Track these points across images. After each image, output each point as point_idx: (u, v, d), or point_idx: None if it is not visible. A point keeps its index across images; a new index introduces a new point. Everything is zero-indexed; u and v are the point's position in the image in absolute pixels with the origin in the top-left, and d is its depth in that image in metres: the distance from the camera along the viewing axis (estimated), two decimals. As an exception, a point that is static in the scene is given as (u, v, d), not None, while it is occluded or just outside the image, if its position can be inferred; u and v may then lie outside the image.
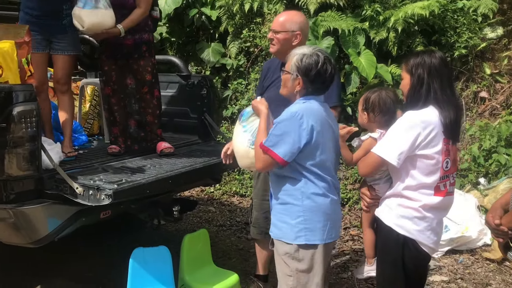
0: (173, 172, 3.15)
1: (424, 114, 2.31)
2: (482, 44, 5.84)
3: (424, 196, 2.34)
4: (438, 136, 2.30)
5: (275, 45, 3.09)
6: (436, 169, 2.32)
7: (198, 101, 4.24)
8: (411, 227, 2.36)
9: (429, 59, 2.37)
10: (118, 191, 2.75)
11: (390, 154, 2.32)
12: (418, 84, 2.37)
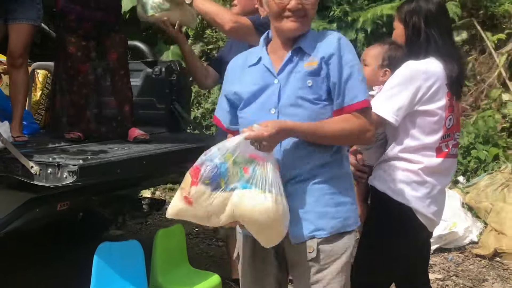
0: (146, 153, 2.71)
1: (425, 65, 2.02)
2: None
3: (425, 158, 2.03)
4: (441, 90, 2.01)
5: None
6: (438, 127, 2.03)
7: (166, 89, 3.82)
8: (409, 192, 2.01)
9: (425, 4, 2.09)
10: (84, 167, 2.28)
11: (387, 110, 1.98)
12: (414, 34, 2.09)
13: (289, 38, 1.67)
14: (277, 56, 1.70)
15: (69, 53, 3.14)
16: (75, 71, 3.16)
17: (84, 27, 3.13)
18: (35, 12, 3.14)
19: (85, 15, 3.11)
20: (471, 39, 6.10)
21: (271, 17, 1.69)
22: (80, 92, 3.21)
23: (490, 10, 6.24)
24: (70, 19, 3.13)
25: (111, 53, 3.20)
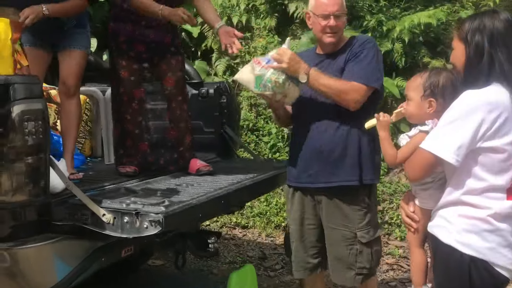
0: (223, 190, 2.41)
1: (488, 94, 1.72)
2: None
3: (494, 202, 1.74)
4: (509, 122, 1.71)
5: (338, 33, 2.41)
6: (508, 166, 1.73)
7: (216, 112, 3.55)
8: (479, 244, 1.75)
9: (491, 22, 1.79)
10: (169, 215, 1.98)
11: (445, 149, 1.72)
12: (476, 55, 1.78)
13: None
14: None
15: (121, 78, 2.88)
16: (129, 97, 2.88)
17: (135, 48, 2.87)
18: (86, 38, 2.90)
19: (135, 35, 2.87)
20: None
21: None
22: (135, 121, 2.93)
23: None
24: (120, 41, 2.87)
25: (167, 78, 2.92)
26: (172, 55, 2.93)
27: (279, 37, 5.94)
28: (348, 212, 2.41)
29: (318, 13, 2.38)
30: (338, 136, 2.40)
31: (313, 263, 2.58)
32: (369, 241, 2.45)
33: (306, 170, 2.46)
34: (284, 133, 5.43)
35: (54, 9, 2.62)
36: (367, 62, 2.34)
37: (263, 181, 2.77)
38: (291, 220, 2.65)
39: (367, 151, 2.43)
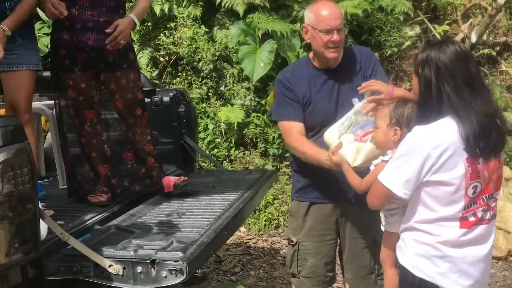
0: (224, 220, 2.29)
1: (434, 130, 1.74)
2: (407, 42, 5.92)
3: (446, 230, 1.77)
4: (455, 157, 1.72)
5: (340, 47, 2.35)
6: (458, 198, 1.74)
7: (173, 121, 3.36)
8: (430, 268, 1.79)
9: (437, 54, 1.77)
10: (191, 262, 1.85)
11: (395, 183, 1.77)
12: (426, 89, 1.78)
13: None
14: None
15: (70, 98, 2.61)
16: (80, 120, 2.63)
17: (79, 61, 2.61)
18: (34, 54, 2.55)
19: (74, 43, 2.59)
20: (423, 32, 6.26)
21: None
22: (90, 144, 2.68)
23: (433, 3, 6.46)
24: (62, 55, 2.61)
25: (115, 99, 2.70)
26: (121, 71, 2.68)
27: (205, 27, 5.75)
28: (368, 220, 2.43)
29: (320, 28, 2.29)
30: None
31: (330, 277, 2.60)
32: (379, 243, 2.51)
33: (331, 186, 2.38)
34: (221, 128, 5.32)
35: (13, 24, 2.28)
36: (387, 80, 2.41)
37: (253, 197, 2.68)
38: (306, 236, 2.56)
39: None
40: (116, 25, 2.50)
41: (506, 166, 4.71)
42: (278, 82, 2.48)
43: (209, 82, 5.65)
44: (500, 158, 1.81)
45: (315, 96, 2.39)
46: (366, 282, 2.57)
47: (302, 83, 2.41)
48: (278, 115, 2.48)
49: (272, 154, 5.31)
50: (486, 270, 1.85)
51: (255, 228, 4.72)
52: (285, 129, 2.45)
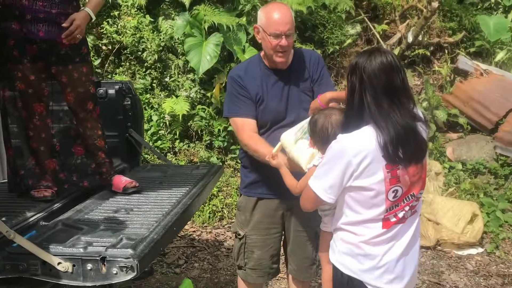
0: (172, 216, 2.32)
1: (354, 139, 1.83)
2: (348, 40, 6.12)
3: (369, 230, 1.88)
4: (374, 164, 1.81)
5: (288, 51, 2.43)
6: (379, 201, 1.85)
7: (119, 115, 3.33)
8: (355, 266, 1.91)
9: (363, 62, 1.82)
10: (142, 258, 1.88)
11: (320, 188, 1.89)
12: (351, 96, 1.86)
13: None
14: None
15: (18, 91, 2.54)
16: (28, 113, 2.57)
17: (28, 52, 2.54)
18: None
19: (23, 34, 2.52)
20: (364, 31, 6.48)
21: None
22: (39, 137, 2.63)
23: (373, 2, 6.70)
24: (10, 46, 2.53)
25: (66, 92, 2.65)
26: (73, 65, 2.63)
27: (150, 17, 5.67)
28: (310, 214, 2.49)
29: (269, 31, 2.36)
30: None
31: (275, 269, 2.73)
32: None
33: (278, 183, 2.41)
34: (166, 120, 5.30)
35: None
36: (332, 84, 2.57)
37: (201, 193, 2.72)
38: (253, 229, 2.65)
39: None
40: (72, 19, 2.45)
41: (436, 161, 5.03)
42: (231, 80, 2.53)
43: (153, 72, 5.60)
44: (423, 162, 1.89)
45: (267, 95, 2.47)
46: (308, 273, 2.72)
47: (255, 82, 2.48)
48: (231, 111, 2.53)
49: (217, 147, 5.35)
50: (410, 264, 1.94)
51: (199, 220, 4.76)
52: (237, 126, 2.50)
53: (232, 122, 2.58)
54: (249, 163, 2.60)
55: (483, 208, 4.57)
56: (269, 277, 2.77)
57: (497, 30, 6.12)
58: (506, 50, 6.18)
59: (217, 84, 5.39)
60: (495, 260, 4.12)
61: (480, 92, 5.45)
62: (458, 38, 6.51)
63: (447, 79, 6.09)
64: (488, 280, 3.84)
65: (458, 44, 6.55)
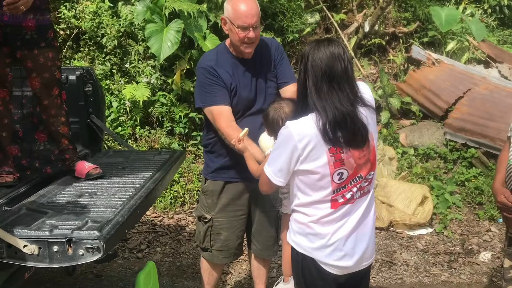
0: (136, 201, 2.38)
1: (299, 125, 1.93)
2: (307, 29, 6.25)
3: (319, 211, 1.99)
4: (318, 148, 1.90)
5: (255, 43, 2.50)
6: (325, 184, 1.95)
7: (80, 101, 3.33)
8: (307, 244, 2.03)
9: (309, 49, 1.93)
10: (108, 239, 1.94)
11: (271, 172, 2.01)
12: (298, 83, 1.98)
13: None
14: None
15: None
16: (9, 97, 2.57)
17: (20, 38, 2.53)
18: None
19: (17, 20, 2.51)
20: (322, 19, 6.62)
21: None
22: (1, 123, 2.62)
23: (330, -9, 6.85)
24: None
25: (31, 78, 2.65)
26: (39, 50, 2.62)
27: (109, 2, 5.61)
28: (274, 195, 2.64)
29: (237, 24, 2.42)
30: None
31: (240, 249, 2.85)
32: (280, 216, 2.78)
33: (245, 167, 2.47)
34: (126, 106, 5.29)
35: None
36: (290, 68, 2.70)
37: (164, 178, 2.78)
38: (220, 212, 2.73)
39: None
40: None
41: (390, 147, 5.25)
42: (203, 70, 2.56)
43: (113, 58, 5.55)
44: (369, 145, 1.98)
45: (239, 85, 2.56)
46: (271, 251, 2.90)
47: (227, 71, 2.55)
48: (206, 102, 2.56)
49: (178, 133, 5.39)
50: (362, 241, 2.04)
51: (161, 206, 4.81)
52: (214, 114, 2.53)
53: (207, 111, 2.58)
54: (216, 148, 2.68)
55: (433, 191, 4.82)
56: (234, 257, 2.89)
57: (448, 21, 6.38)
58: (456, 40, 6.47)
59: (178, 71, 5.40)
60: (443, 239, 4.38)
61: (432, 81, 5.70)
62: (412, 28, 6.75)
63: (401, 68, 6.33)
64: (437, 257, 4.09)
65: (412, 34, 6.80)
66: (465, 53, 6.38)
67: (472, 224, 4.61)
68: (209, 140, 2.70)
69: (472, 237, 4.40)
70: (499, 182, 2.49)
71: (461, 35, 6.57)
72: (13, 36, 2.55)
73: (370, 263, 2.15)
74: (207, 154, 2.76)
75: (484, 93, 5.48)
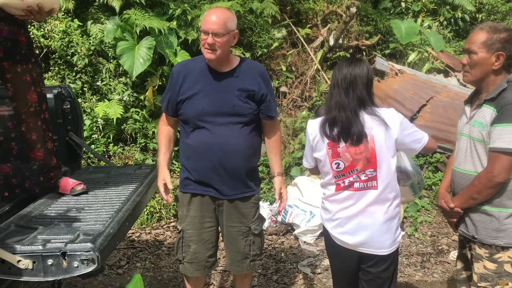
0: (124, 213, 2.43)
1: (311, 123, 2.52)
2: (275, 44, 6.42)
3: (328, 191, 2.50)
4: (320, 141, 2.43)
5: (217, 50, 2.56)
6: (327, 170, 2.45)
7: (58, 119, 3.34)
8: (323, 215, 2.58)
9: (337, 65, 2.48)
10: (102, 251, 1.99)
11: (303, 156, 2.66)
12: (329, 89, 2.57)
13: None
14: None
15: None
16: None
17: (17, 51, 2.54)
18: None
19: (13, 33, 2.52)
20: (289, 35, 6.80)
21: None
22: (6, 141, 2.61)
23: (296, 7, 7.06)
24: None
25: (31, 93, 2.65)
26: (32, 64, 2.64)
27: (79, 21, 5.63)
28: (244, 211, 2.73)
29: (201, 28, 2.57)
30: (239, 153, 2.65)
31: (211, 261, 2.84)
32: (259, 232, 2.83)
33: (210, 181, 2.65)
34: (99, 124, 5.29)
35: None
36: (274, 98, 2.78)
37: (147, 191, 2.84)
38: (189, 224, 2.77)
39: (257, 165, 2.83)
40: None
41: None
42: (171, 73, 2.75)
43: (84, 77, 5.56)
44: (366, 144, 2.35)
45: (201, 92, 2.63)
46: (240, 267, 2.85)
47: (191, 77, 2.68)
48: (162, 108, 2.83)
49: (152, 149, 5.42)
50: (368, 229, 2.40)
51: (138, 222, 4.81)
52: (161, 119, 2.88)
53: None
54: (183, 159, 2.76)
55: (402, 196, 5.01)
56: (206, 270, 2.84)
57: (408, 34, 6.69)
58: (417, 51, 6.77)
59: (150, 87, 5.46)
60: (415, 241, 4.56)
61: (396, 90, 5.95)
62: (374, 41, 7.03)
63: (366, 79, 6.55)
64: (410, 259, 4.26)
65: (375, 46, 7.08)
66: (426, 63, 6.69)
67: (441, 226, 4.82)
68: (180, 149, 2.78)
69: (441, 238, 4.60)
70: (443, 187, 2.61)
71: (421, 46, 6.89)
72: (12, 51, 2.55)
73: (379, 253, 2.44)
74: (181, 165, 2.82)
75: (445, 101, 5.75)
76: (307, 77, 6.52)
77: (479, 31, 2.30)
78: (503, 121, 2.18)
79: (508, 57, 2.26)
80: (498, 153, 2.20)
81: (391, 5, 7.69)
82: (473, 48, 2.29)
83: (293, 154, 5.50)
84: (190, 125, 2.67)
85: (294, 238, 4.62)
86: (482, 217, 2.34)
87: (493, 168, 2.23)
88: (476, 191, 2.31)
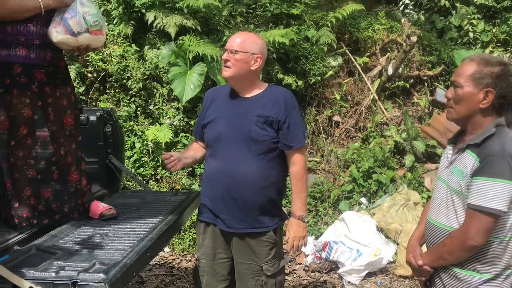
0: (147, 242, 2.34)
1: None
2: (330, 72, 6.27)
3: None
4: None
5: (231, 68, 2.51)
6: None
7: (99, 141, 3.37)
8: None
9: None
10: (113, 282, 1.90)
11: None
12: None
13: None
14: None
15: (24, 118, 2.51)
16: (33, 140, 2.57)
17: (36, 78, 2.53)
18: None
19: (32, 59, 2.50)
20: (345, 63, 6.64)
21: None
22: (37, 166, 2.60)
23: (355, 36, 6.90)
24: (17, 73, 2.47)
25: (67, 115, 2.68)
26: (71, 88, 2.69)
27: (136, 46, 5.77)
28: (255, 249, 2.57)
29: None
30: (250, 183, 2.50)
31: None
32: (273, 273, 2.63)
33: (218, 211, 2.56)
34: (149, 147, 5.34)
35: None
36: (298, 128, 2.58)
37: (177, 219, 2.75)
38: (203, 254, 2.69)
39: (275, 199, 2.60)
40: None
41: (415, 191, 5.10)
42: None
43: (137, 100, 5.66)
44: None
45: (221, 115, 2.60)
46: None
47: (216, 101, 2.68)
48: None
49: (199, 174, 5.38)
50: None
51: (179, 248, 4.75)
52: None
53: None
54: (202, 185, 2.70)
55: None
56: None
57: (473, 64, 6.31)
58: (482, 83, 6.36)
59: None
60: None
61: (457, 124, 5.59)
62: (437, 71, 6.70)
63: (426, 111, 6.24)
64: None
65: (437, 77, 6.74)
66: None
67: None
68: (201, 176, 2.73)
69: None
70: (415, 237, 2.24)
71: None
72: (53, 75, 2.60)
73: None
74: None
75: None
76: (362, 106, 6.30)
77: (469, 62, 2.00)
78: (484, 174, 1.87)
79: (499, 95, 1.95)
80: (476, 211, 1.89)
81: (458, 35, 7.34)
82: (459, 81, 2.00)
83: (342, 187, 5.26)
84: (209, 150, 2.65)
85: (338, 277, 4.36)
86: (452, 280, 2.01)
87: (468, 228, 1.91)
88: (447, 252, 1.99)
